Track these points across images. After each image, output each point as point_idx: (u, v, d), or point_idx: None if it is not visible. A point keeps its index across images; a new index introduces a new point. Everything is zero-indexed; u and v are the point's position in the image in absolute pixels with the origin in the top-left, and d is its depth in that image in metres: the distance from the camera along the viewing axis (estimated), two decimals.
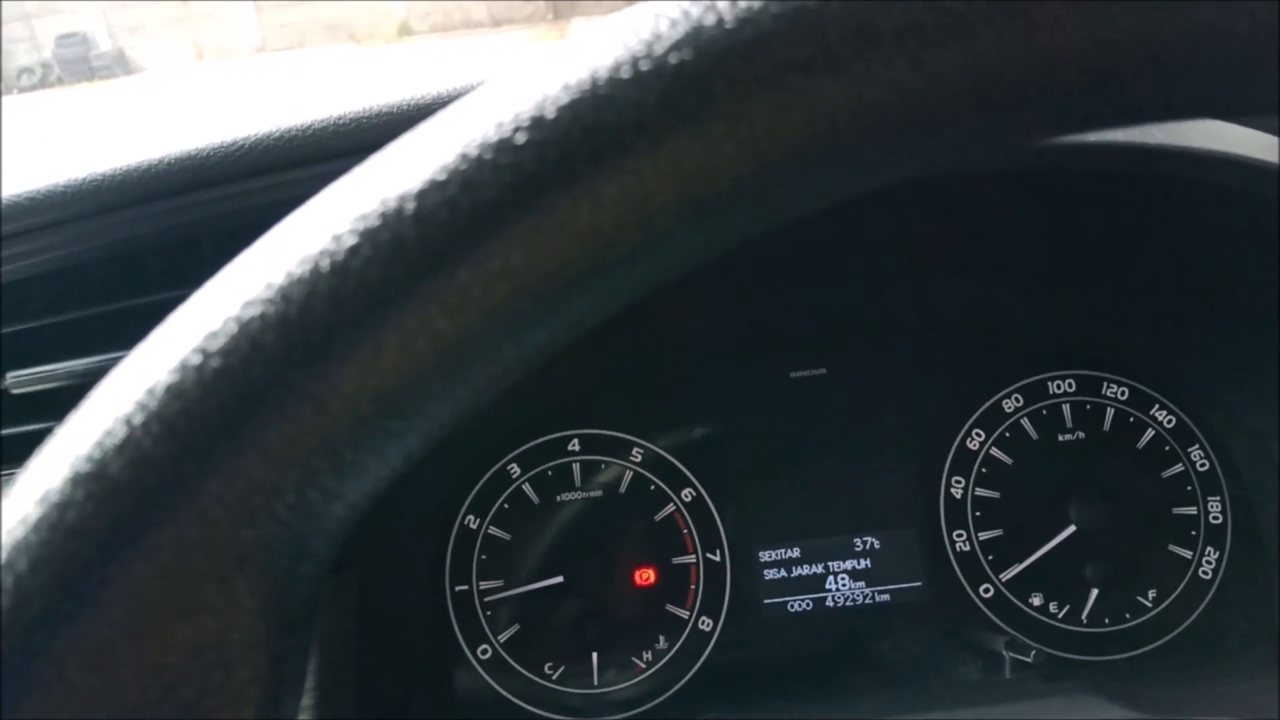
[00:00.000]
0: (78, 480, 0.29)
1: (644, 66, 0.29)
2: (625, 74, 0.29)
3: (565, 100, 0.29)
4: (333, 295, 0.29)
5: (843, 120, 0.29)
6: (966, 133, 0.30)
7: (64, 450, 0.30)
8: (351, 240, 0.29)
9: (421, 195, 0.29)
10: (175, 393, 0.29)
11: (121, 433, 0.29)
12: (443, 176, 0.29)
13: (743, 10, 0.29)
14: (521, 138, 0.29)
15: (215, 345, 0.29)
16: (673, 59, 0.29)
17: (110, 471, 0.29)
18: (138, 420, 0.29)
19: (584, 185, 0.29)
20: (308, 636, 0.33)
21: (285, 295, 0.29)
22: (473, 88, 0.85)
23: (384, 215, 0.29)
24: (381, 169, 0.30)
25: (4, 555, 0.29)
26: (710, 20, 0.29)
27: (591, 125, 0.29)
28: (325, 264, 0.29)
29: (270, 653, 0.31)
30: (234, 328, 0.29)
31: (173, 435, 0.29)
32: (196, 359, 0.29)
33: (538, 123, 0.29)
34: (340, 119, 0.83)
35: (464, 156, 0.29)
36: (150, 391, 0.29)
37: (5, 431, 0.89)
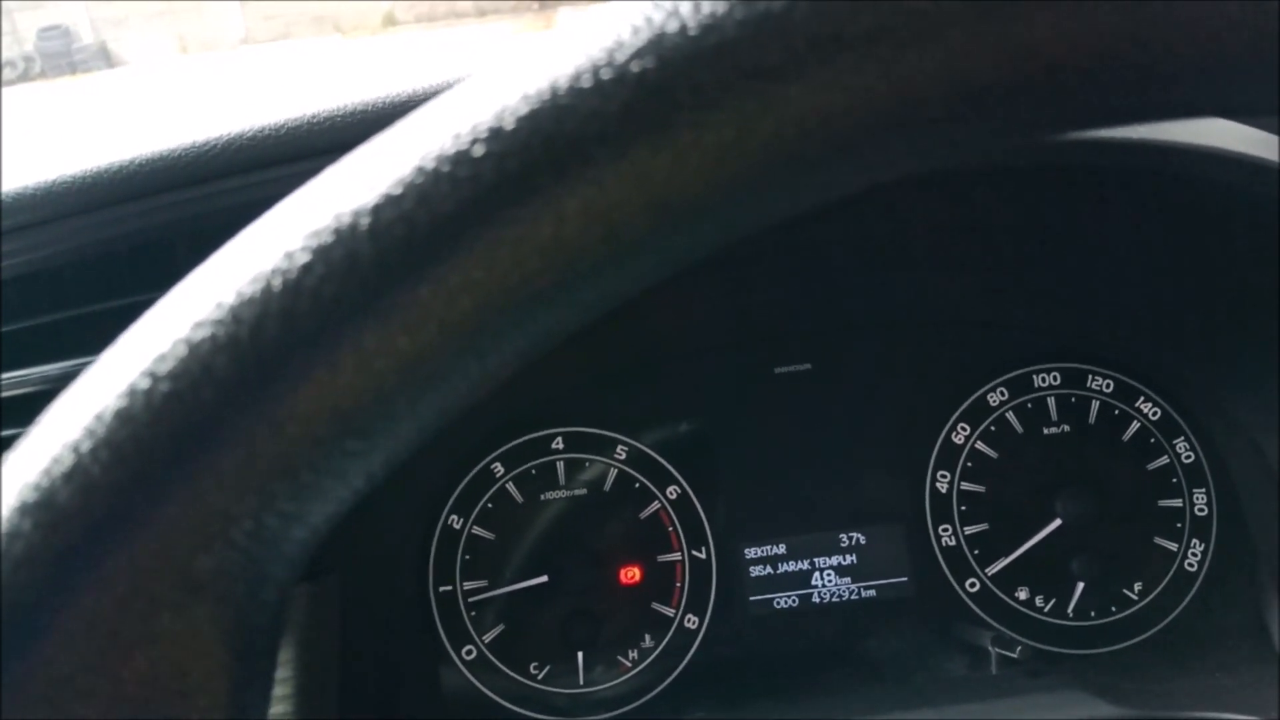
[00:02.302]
0: (25, 510, 0.28)
1: (605, 74, 0.28)
2: (586, 82, 0.28)
3: (524, 110, 0.28)
4: (285, 315, 0.28)
5: (811, 127, 0.28)
6: (937, 137, 0.29)
7: (11, 478, 0.29)
8: (304, 258, 0.28)
9: (376, 210, 0.28)
10: (124, 418, 0.28)
11: (69, 460, 0.28)
12: (398, 190, 0.28)
13: (706, 16, 0.28)
14: (480, 150, 0.28)
15: (164, 369, 0.28)
16: (635, 66, 0.28)
17: (58, 500, 0.28)
18: (85, 447, 0.28)
19: (545, 197, 0.28)
20: (271, 663, 0.32)
21: (236, 316, 0.28)
22: (449, 83, 0.84)
23: (338, 231, 0.28)
24: (336, 183, 0.29)
25: None
26: (673, 26, 0.28)
27: (552, 136, 0.28)
28: (278, 282, 0.28)
29: (231, 680, 0.30)
30: (184, 350, 0.28)
31: (122, 463, 0.28)
32: (145, 383, 0.28)
33: (496, 134, 0.28)
34: (316, 117, 0.82)
35: (420, 170, 0.28)
36: (98, 417, 0.28)
37: None
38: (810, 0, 0.27)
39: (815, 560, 1.04)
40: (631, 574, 1.03)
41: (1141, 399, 1.04)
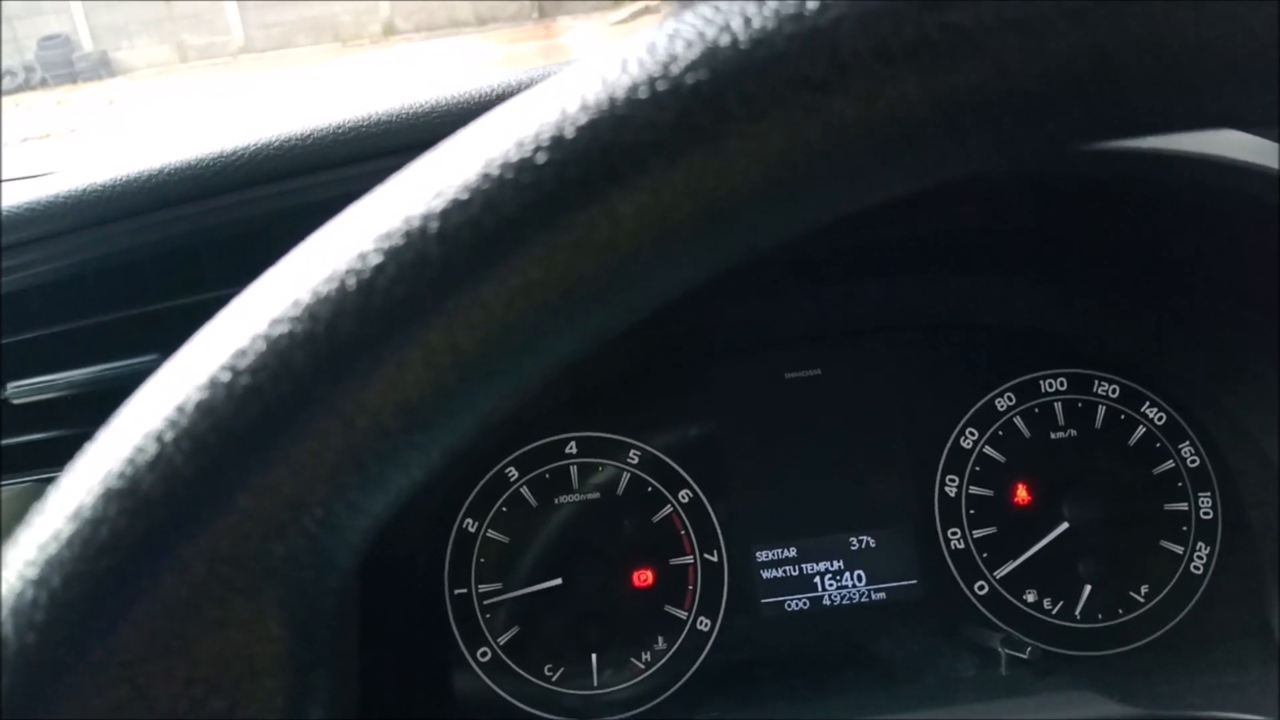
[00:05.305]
0: (110, 496, 0.29)
1: (660, 86, 0.30)
2: (643, 94, 0.30)
3: (584, 120, 0.30)
4: (359, 313, 0.29)
5: (855, 136, 0.30)
6: (976, 148, 0.31)
7: (97, 467, 0.30)
8: (377, 259, 0.29)
9: (445, 214, 0.29)
10: (206, 409, 0.29)
11: (153, 449, 0.29)
12: (465, 196, 0.29)
13: (756, 31, 0.30)
14: (542, 157, 0.29)
15: (245, 363, 0.29)
16: (689, 79, 0.29)
17: (142, 488, 0.29)
18: (169, 437, 0.29)
19: (602, 203, 0.30)
20: (333, 648, 0.34)
21: (313, 313, 0.29)
22: (464, 94, 0.85)
23: (408, 234, 0.30)
24: (405, 188, 0.31)
25: (39, 571, 0.29)
26: (725, 41, 0.30)
27: (610, 145, 0.29)
28: (352, 282, 0.29)
29: (297, 664, 0.32)
30: (263, 345, 0.29)
31: (204, 452, 0.29)
32: (226, 376, 0.29)
33: (558, 142, 0.30)
34: (339, 127, 0.83)
35: (486, 176, 0.30)
36: (180, 409, 0.30)
37: (5, 442, 0.89)
38: (855, 16, 0.29)
39: (825, 563, 1.05)
40: (644, 577, 1.04)
41: (1147, 404, 1.05)
